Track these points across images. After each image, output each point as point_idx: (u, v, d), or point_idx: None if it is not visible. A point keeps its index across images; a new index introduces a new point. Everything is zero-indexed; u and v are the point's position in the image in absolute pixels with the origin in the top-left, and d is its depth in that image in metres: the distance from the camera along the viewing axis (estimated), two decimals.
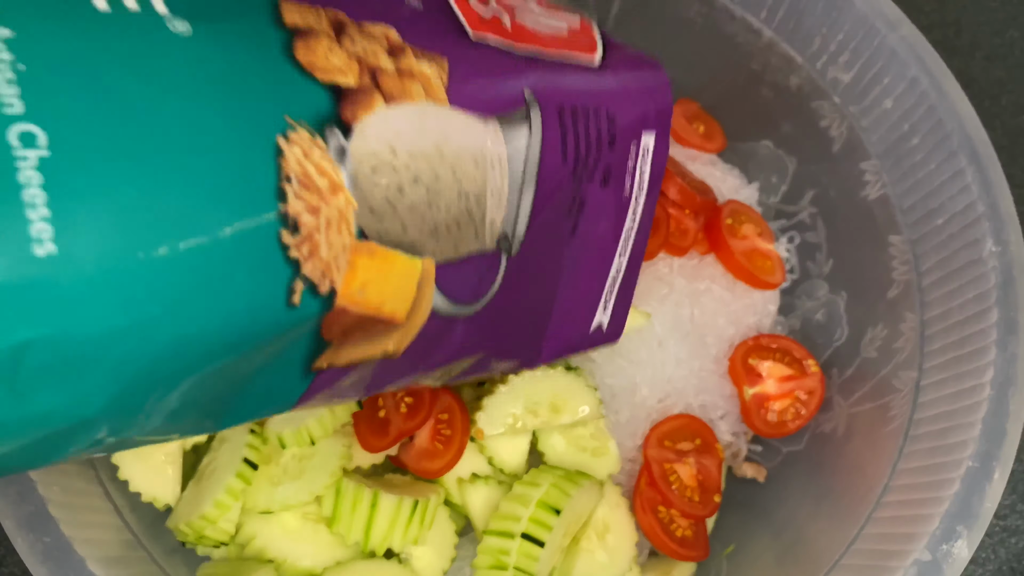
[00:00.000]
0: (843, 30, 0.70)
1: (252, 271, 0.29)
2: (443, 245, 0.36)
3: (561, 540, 0.61)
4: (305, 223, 0.30)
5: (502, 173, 0.38)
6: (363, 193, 0.32)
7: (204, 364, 0.29)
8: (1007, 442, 0.57)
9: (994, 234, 0.62)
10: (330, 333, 0.33)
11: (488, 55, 0.40)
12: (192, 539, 0.62)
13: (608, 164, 0.45)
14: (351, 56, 0.34)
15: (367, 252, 0.33)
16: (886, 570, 0.56)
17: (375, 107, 0.33)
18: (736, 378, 0.75)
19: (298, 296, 0.30)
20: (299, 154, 0.30)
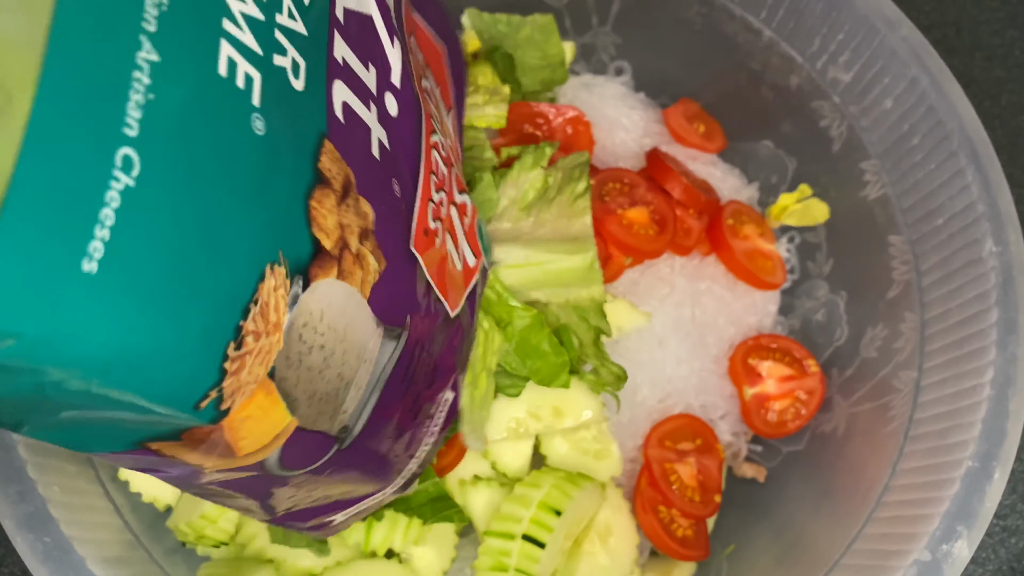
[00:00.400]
0: (843, 30, 0.70)
1: (198, 362, 0.31)
2: (309, 412, 0.39)
3: (563, 542, 0.61)
4: (247, 344, 0.33)
5: (367, 372, 0.43)
6: (289, 340, 0.35)
7: (95, 406, 0.30)
8: (1007, 442, 0.57)
9: (994, 234, 0.62)
10: (190, 436, 0.35)
11: (409, 276, 0.45)
12: (192, 539, 0.62)
13: (425, 403, 0.53)
14: (339, 223, 0.38)
15: (267, 390, 0.35)
16: (886, 570, 0.56)
17: (330, 275, 0.37)
18: (736, 378, 0.75)
19: (206, 403, 0.32)
20: (272, 286, 0.33)
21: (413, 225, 0.46)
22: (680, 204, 0.76)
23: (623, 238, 0.72)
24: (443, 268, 0.51)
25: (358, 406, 0.44)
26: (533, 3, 0.82)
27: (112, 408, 0.30)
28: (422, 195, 0.48)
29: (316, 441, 0.42)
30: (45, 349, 0.26)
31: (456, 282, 0.53)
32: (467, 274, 0.56)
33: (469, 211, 0.58)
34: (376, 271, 0.41)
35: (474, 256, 0.58)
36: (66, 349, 0.26)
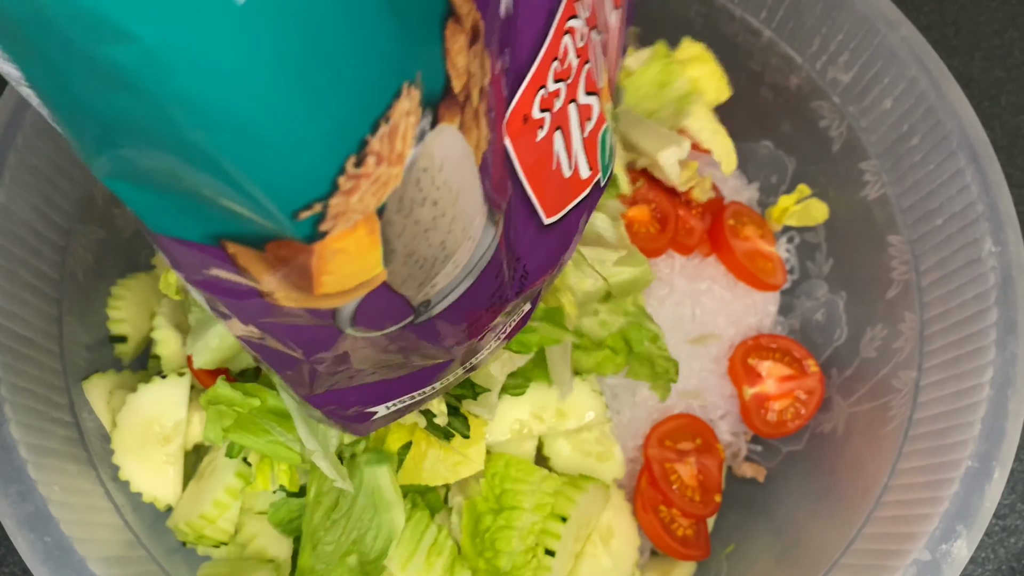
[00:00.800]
0: (842, 30, 0.70)
1: (315, 158, 0.28)
2: (401, 271, 0.37)
3: (572, 546, 0.61)
4: (367, 164, 0.30)
5: (468, 251, 0.40)
6: (407, 181, 0.32)
7: (195, 161, 0.27)
8: (1006, 442, 0.57)
9: (993, 234, 0.62)
10: (275, 249, 0.32)
11: (500, 159, 0.42)
12: (192, 539, 0.62)
13: (507, 307, 0.49)
14: (467, 68, 0.35)
15: (370, 228, 0.32)
16: (886, 569, 0.56)
17: (454, 123, 0.34)
18: (736, 378, 0.75)
19: (307, 214, 0.30)
20: (405, 108, 0.30)
21: (511, 105, 0.42)
22: (683, 204, 0.76)
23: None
24: (543, 167, 0.46)
25: (449, 285, 0.40)
26: None
27: (209, 171, 0.28)
28: (533, 78, 0.43)
29: (396, 304, 0.39)
30: (157, 66, 0.23)
31: (558, 188, 0.49)
32: (576, 185, 0.51)
33: (595, 116, 0.52)
34: (486, 139, 0.38)
35: (589, 168, 0.52)
36: (181, 76, 0.24)
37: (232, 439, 0.58)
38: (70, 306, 0.65)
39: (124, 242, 0.72)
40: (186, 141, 0.26)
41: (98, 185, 0.68)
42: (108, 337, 0.69)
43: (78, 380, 0.64)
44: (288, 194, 0.29)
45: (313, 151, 0.28)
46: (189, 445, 0.64)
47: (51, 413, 0.60)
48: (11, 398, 0.57)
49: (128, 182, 0.30)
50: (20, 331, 0.60)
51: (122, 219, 0.72)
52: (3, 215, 0.60)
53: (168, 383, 0.63)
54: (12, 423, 0.56)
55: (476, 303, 0.44)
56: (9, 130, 0.61)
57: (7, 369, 0.57)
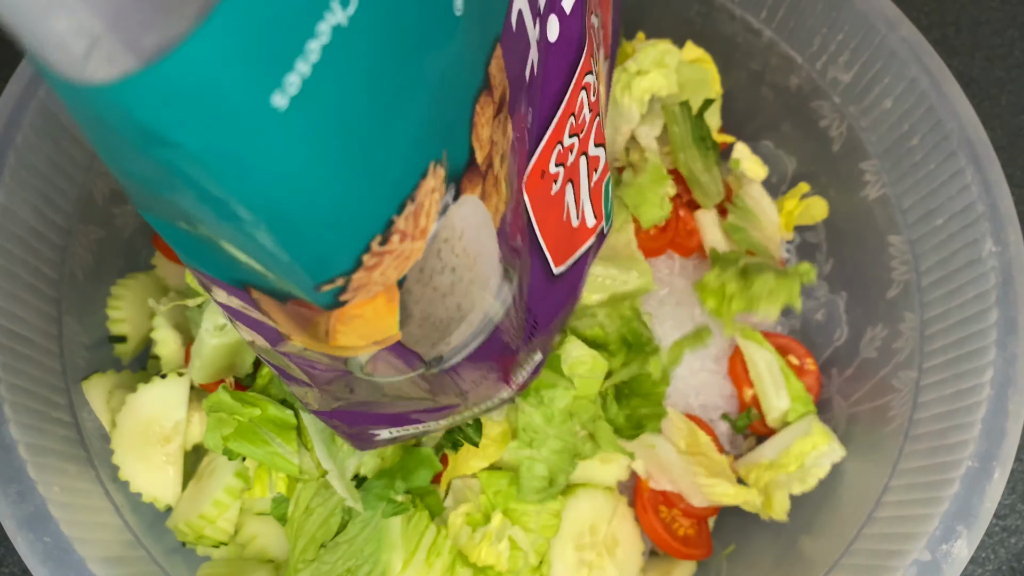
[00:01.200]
0: (843, 30, 0.70)
1: (342, 239, 0.28)
2: (416, 332, 0.37)
3: (573, 554, 0.62)
4: (392, 242, 0.30)
5: (482, 310, 0.40)
6: (428, 253, 0.33)
7: (229, 226, 0.27)
8: (1007, 442, 0.57)
9: (994, 234, 0.62)
10: (296, 306, 0.33)
11: (519, 217, 0.42)
12: (192, 539, 0.62)
13: (515, 359, 0.49)
14: (491, 137, 0.35)
15: (389, 297, 0.33)
16: (886, 570, 0.56)
17: (476, 192, 0.35)
18: (736, 378, 0.75)
19: (329, 288, 0.30)
20: (430, 187, 0.31)
21: (531, 163, 0.43)
22: (684, 205, 0.76)
23: None
24: (554, 219, 0.47)
25: (463, 343, 0.41)
26: None
27: (241, 245, 0.28)
28: (552, 134, 0.44)
29: (407, 359, 0.39)
30: (199, 166, 0.23)
31: (567, 237, 0.49)
32: (582, 234, 0.51)
33: (601, 166, 0.52)
34: (506, 201, 0.39)
35: (594, 216, 0.53)
36: (221, 175, 0.24)
37: (231, 447, 0.58)
38: (69, 306, 0.65)
39: (124, 242, 0.72)
40: (223, 220, 0.27)
41: (98, 185, 0.68)
42: (108, 337, 0.69)
43: (78, 380, 0.64)
44: (314, 271, 0.29)
45: (342, 234, 0.28)
46: (189, 445, 0.64)
47: (51, 413, 0.60)
48: (10, 398, 0.57)
49: (165, 224, 0.30)
50: (19, 331, 0.60)
51: (121, 219, 0.72)
52: (2, 215, 0.60)
53: (168, 383, 0.63)
54: (11, 423, 0.56)
55: (488, 356, 0.45)
56: (9, 129, 0.61)
57: (6, 369, 0.57)
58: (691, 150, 0.74)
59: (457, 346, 0.41)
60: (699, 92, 0.77)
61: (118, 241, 0.71)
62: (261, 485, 0.61)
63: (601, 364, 0.62)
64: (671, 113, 0.74)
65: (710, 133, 0.76)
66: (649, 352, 0.67)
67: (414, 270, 0.33)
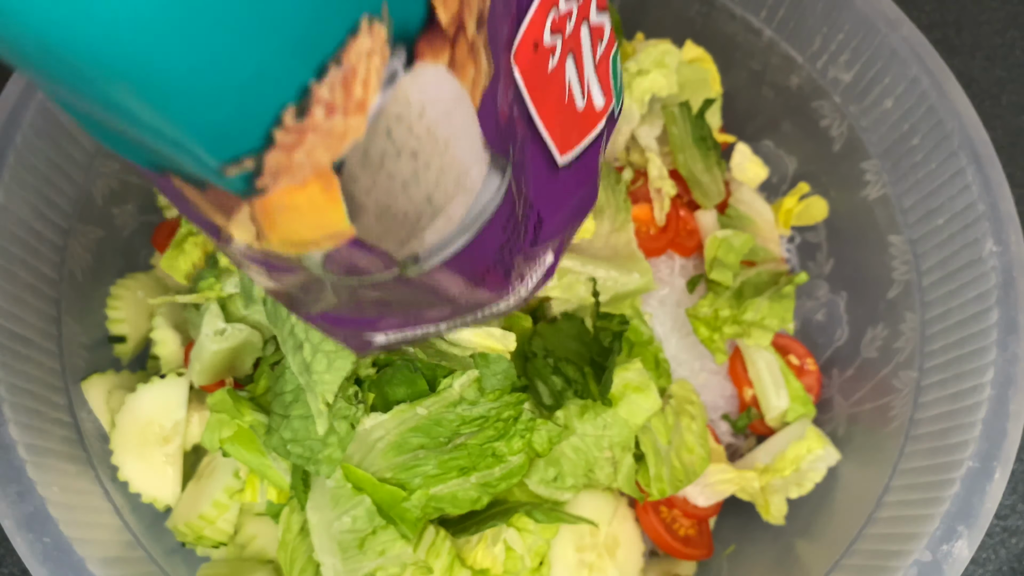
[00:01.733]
0: (843, 30, 0.70)
1: (237, 110, 0.24)
2: (376, 228, 0.32)
3: (574, 555, 0.61)
4: (313, 115, 0.26)
5: (464, 205, 0.35)
6: (373, 132, 0.28)
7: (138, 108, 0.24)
8: (1007, 442, 0.57)
9: (994, 234, 0.62)
10: (214, 195, 0.28)
11: (508, 95, 0.36)
12: (191, 539, 0.62)
13: (520, 260, 0.43)
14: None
15: (325, 185, 0.28)
16: (887, 570, 0.56)
17: (440, 61, 0.29)
18: (736, 378, 0.74)
19: (236, 171, 0.26)
20: (365, 48, 0.26)
21: (520, 31, 0.36)
22: (685, 206, 0.76)
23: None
24: (554, 100, 0.41)
25: (442, 241, 0.36)
26: None
27: (124, 119, 0.25)
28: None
29: (373, 258, 0.34)
30: (58, 27, 0.20)
31: (572, 122, 0.43)
32: (590, 118, 0.44)
33: (606, 36, 0.45)
34: (487, 75, 0.33)
35: (603, 95, 0.45)
36: (78, 31, 0.21)
37: (226, 450, 0.58)
38: (69, 306, 0.65)
39: (123, 242, 0.72)
40: (98, 92, 0.23)
41: (97, 185, 0.68)
42: (107, 337, 0.69)
43: (77, 380, 0.64)
44: (211, 147, 0.25)
45: (237, 101, 0.24)
46: (188, 445, 0.64)
47: (50, 413, 0.60)
48: (10, 398, 0.57)
49: (68, 110, 0.27)
50: (19, 331, 0.60)
51: (121, 219, 0.72)
52: (2, 215, 0.60)
53: (167, 383, 0.63)
54: (11, 423, 0.56)
55: (482, 257, 0.39)
56: (8, 129, 0.61)
57: (6, 369, 0.57)
58: (691, 150, 0.74)
59: (435, 245, 0.35)
60: (699, 92, 0.77)
61: (117, 241, 0.71)
62: (252, 490, 0.61)
63: (654, 399, 0.61)
64: (670, 114, 0.74)
65: (711, 133, 0.76)
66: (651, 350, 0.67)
67: (355, 153, 0.28)
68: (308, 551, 0.58)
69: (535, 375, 0.59)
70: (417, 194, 0.32)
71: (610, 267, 0.64)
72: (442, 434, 0.56)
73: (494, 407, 0.56)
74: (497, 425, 0.56)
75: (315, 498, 0.55)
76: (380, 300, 0.40)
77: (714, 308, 0.71)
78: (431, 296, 0.40)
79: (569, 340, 0.62)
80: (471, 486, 0.56)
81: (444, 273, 0.38)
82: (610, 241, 0.67)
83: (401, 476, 0.55)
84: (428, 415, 0.56)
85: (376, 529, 0.55)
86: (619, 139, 0.73)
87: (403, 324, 0.45)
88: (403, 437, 0.56)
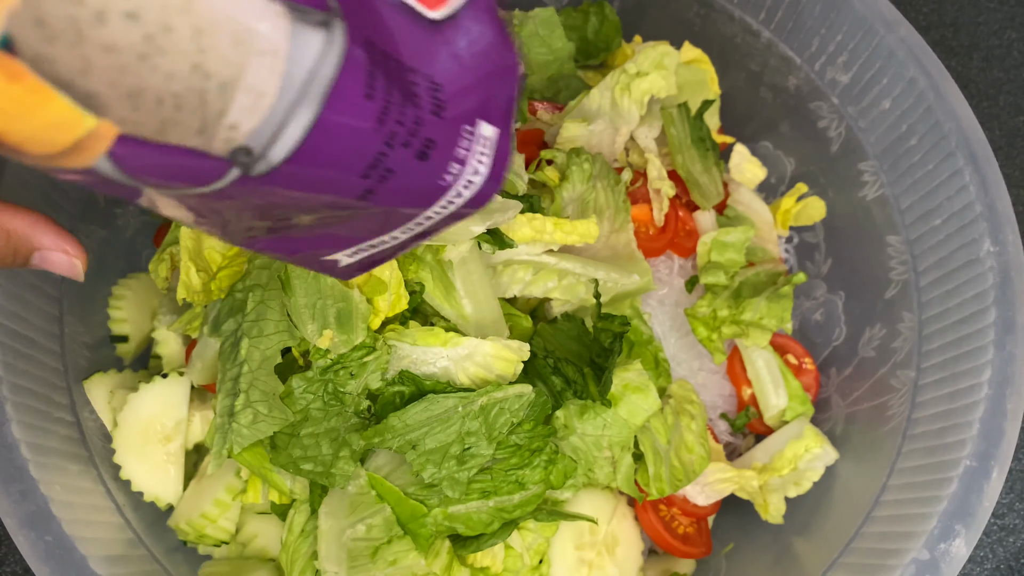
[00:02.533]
0: (841, 31, 0.70)
1: None
2: (141, 117, 0.27)
3: (574, 553, 0.62)
4: None
5: (273, 72, 0.29)
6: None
7: None
8: (1005, 441, 0.57)
9: (992, 234, 0.62)
10: None
11: None
12: (193, 538, 0.62)
13: (431, 137, 0.36)
14: None
15: (9, 74, 0.23)
16: (884, 569, 0.56)
17: None
18: (734, 377, 0.75)
19: None
20: None
21: None
22: (684, 206, 0.76)
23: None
24: None
25: (268, 124, 0.30)
26: (533, 2, 0.82)
27: None
28: None
29: (181, 159, 0.29)
30: None
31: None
32: None
33: None
34: None
35: None
36: None
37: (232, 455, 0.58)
38: (71, 305, 0.65)
39: (125, 242, 0.72)
40: None
41: None
42: (109, 337, 0.69)
43: (79, 380, 0.64)
44: None
45: None
46: (190, 444, 0.64)
47: (52, 413, 0.60)
48: (12, 398, 0.57)
49: None
50: (21, 330, 0.60)
51: (123, 219, 0.72)
52: None
53: (169, 383, 0.63)
54: (14, 423, 0.56)
55: (356, 135, 0.33)
56: None
57: (8, 369, 0.57)
58: (690, 151, 0.74)
59: (261, 129, 0.30)
60: (698, 93, 0.78)
61: (120, 241, 0.72)
62: (254, 491, 0.61)
63: (653, 400, 0.62)
64: (668, 116, 0.74)
65: (710, 134, 0.76)
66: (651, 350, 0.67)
67: (23, 22, 0.23)
68: (308, 554, 0.58)
69: (535, 375, 0.59)
70: (174, 67, 0.26)
71: (610, 268, 0.65)
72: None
73: (528, 435, 0.57)
74: (524, 454, 0.57)
75: (330, 503, 0.55)
76: (286, 216, 0.36)
77: (712, 308, 0.71)
78: (337, 196, 0.35)
79: (569, 341, 0.62)
80: (488, 509, 0.56)
81: (316, 164, 0.32)
82: (610, 242, 0.67)
83: (423, 493, 0.55)
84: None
85: (392, 539, 0.55)
86: (619, 140, 0.73)
87: (356, 239, 0.40)
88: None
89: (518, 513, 0.57)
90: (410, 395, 0.55)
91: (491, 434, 0.55)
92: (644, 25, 0.83)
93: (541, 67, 0.78)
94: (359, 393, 0.56)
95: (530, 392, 0.56)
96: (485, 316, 0.59)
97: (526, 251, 0.62)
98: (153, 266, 0.65)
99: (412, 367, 0.57)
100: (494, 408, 0.55)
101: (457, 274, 0.58)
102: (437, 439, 0.54)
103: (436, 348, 0.56)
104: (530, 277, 0.62)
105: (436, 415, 0.54)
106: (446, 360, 0.57)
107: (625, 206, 0.69)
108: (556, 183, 0.67)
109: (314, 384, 0.55)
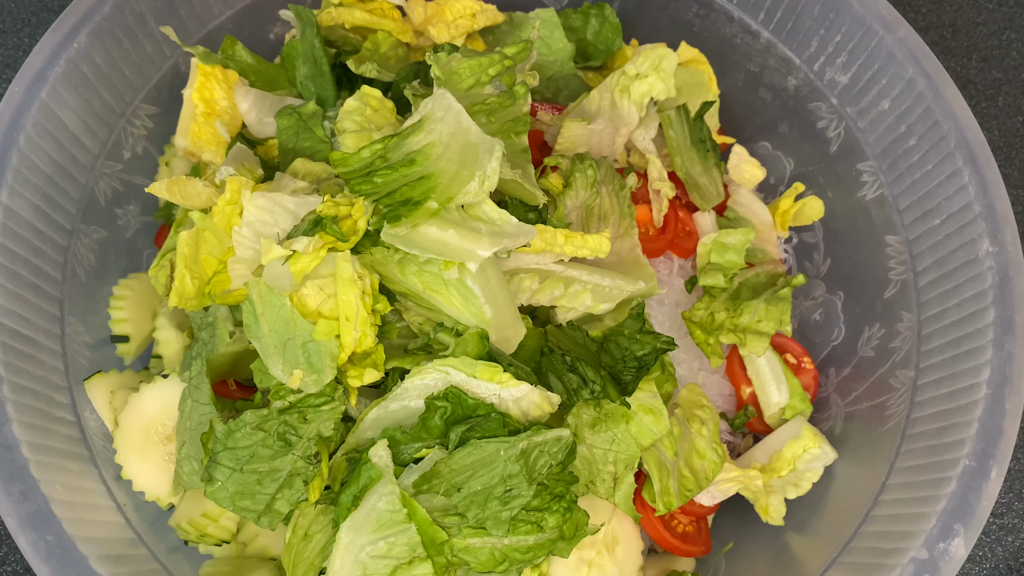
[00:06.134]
0: (840, 31, 0.70)
1: None
2: None
3: (574, 552, 0.62)
4: None
5: None
6: None
7: None
8: (1003, 441, 0.57)
9: (991, 234, 0.62)
10: None
11: None
12: (194, 537, 0.63)
13: None
14: None
15: None
16: (884, 568, 0.56)
17: None
18: (734, 377, 0.75)
19: None
20: None
21: None
22: (684, 207, 0.76)
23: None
24: None
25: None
26: (533, 2, 0.82)
27: None
28: None
29: None
30: None
31: None
32: None
33: None
34: None
35: None
36: None
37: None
38: (72, 306, 0.65)
39: (126, 242, 0.72)
40: None
41: (100, 185, 0.68)
42: (110, 337, 0.69)
43: (80, 380, 0.64)
44: None
45: None
46: None
47: (53, 413, 0.60)
48: (13, 398, 0.57)
49: None
50: (22, 331, 0.60)
51: (124, 219, 0.72)
52: (5, 215, 0.60)
53: (170, 383, 0.63)
54: (14, 423, 0.56)
55: None
56: (11, 130, 0.61)
57: (9, 369, 0.58)
58: (689, 153, 0.74)
59: None
60: (697, 95, 0.78)
61: (120, 241, 0.72)
62: None
63: (664, 424, 0.62)
64: (666, 118, 0.74)
65: (710, 135, 0.76)
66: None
67: None
68: (311, 557, 0.58)
69: (550, 369, 0.60)
70: None
71: (615, 275, 0.65)
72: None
73: (555, 478, 0.58)
74: (546, 497, 0.57)
75: (357, 518, 0.55)
76: None
77: (709, 311, 0.71)
78: None
79: (576, 346, 0.62)
80: (503, 547, 0.56)
81: None
82: (615, 247, 0.67)
83: (446, 520, 0.55)
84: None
85: (413, 560, 0.55)
86: (618, 141, 0.74)
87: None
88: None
89: (530, 556, 0.57)
90: (452, 412, 0.56)
91: (531, 476, 0.56)
92: (643, 25, 0.83)
93: (541, 67, 0.78)
94: (309, 438, 0.57)
95: (568, 436, 0.57)
96: (504, 317, 0.60)
97: (535, 260, 0.63)
98: (153, 272, 0.66)
99: (462, 384, 0.57)
100: (534, 451, 0.56)
101: (476, 282, 0.58)
102: (481, 481, 0.55)
103: (490, 384, 0.57)
104: (536, 286, 0.63)
105: (480, 459, 0.55)
106: (496, 397, 0.57)
107: (630, 211, 0.69)
108: (559, 190, 0.67)
109: (268, 422, 0.56)
